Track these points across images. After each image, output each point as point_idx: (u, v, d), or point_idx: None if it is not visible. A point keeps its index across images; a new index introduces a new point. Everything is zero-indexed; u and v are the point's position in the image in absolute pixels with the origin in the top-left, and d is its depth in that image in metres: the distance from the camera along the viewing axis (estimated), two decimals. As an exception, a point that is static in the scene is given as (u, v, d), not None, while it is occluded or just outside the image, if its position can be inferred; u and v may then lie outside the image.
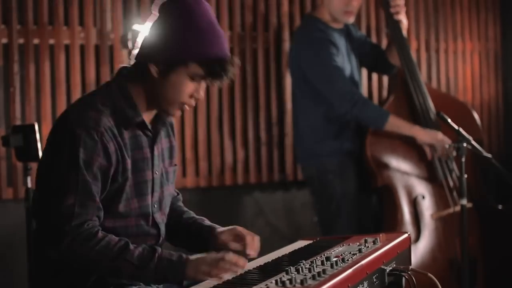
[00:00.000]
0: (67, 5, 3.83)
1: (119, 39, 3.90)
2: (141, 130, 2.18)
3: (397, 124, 3.84)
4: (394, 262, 2.23)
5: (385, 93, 4.60)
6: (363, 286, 1.99)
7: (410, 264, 2.35)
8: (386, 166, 3.91)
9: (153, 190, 2.22)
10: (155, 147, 2.23)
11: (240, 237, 2.26)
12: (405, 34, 4.06)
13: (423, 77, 4.70)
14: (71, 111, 2.14)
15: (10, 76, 3.71)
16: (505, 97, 5.17)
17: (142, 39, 2.17)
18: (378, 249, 2.18)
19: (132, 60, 2.20)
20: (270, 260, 2.22)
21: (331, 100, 3.85)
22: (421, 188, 3.94)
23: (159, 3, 2.16)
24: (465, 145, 3.51)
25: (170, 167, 2.31)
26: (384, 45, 4.50)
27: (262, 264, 2.18)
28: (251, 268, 2.13)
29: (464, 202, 3.49)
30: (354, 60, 4.08)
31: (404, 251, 2.36)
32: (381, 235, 2.34)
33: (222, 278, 1.98)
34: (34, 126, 3.22)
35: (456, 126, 3.57)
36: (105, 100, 2.13)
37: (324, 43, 3.88)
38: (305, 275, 1.86)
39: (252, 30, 4.34)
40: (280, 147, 4.39)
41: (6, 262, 3.69)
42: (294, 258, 2.20)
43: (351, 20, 3.98)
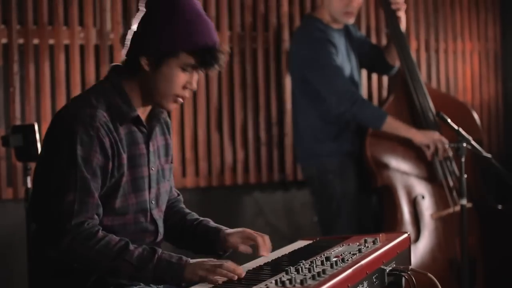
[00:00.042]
0: (67, 5, 3.83)
1: (119, 39, 3.90)
2: (136, 126, 2.19)
3: (394, 125, 3.85)
4: (394, 262, 2.23)
5: (385, 93, 4.60)
6: (363, 286, 1.99)
7: (410, 264, 2.35)
8: (386, 166, 3.92)
9: (150, 186, 2.22)
10: (151, 143, 2.23)
11: (249, 239, 2.25)
12: (403, 31, 4.06)
13: (423, 77, 4.69)
14: (66, 109, 2.15)
15: (10, 76, 3.71)
16: (504, 97, 5.17)
17: (131, 35, 2.18)
18: (378, 249, 2.18)
19: (123, 57, 2.21)
20: (270, 260, 2.22)
21: (330, 99, 3.86)
22: (421, 188, 3.94)
23: None
24: (464, 145, 3.51)
25: (166, 164, 2.31)
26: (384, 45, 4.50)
27: (262, 264, 2.18)
28: (251, 268, 2.13)
29: (464, 202, 3.49)
30: (354, 60, 4.09)
31: (404, 251, 2.37)
32: (381, 235, 2.34)
33: (218, 282, 1.98)
34: (34, 126, 3.22)
35: (456, 126, 3.57)
36: (99, 97, 2.14)
37: (323, 43, 3.89)
38: (305, 275, 1.86)
39: (252, 30, 4.34)
40: (280, 147, 4.39)
41: (6, 262, 3.69)
42: (294, 258, 2.20)
43: (351, 21, 3.99)
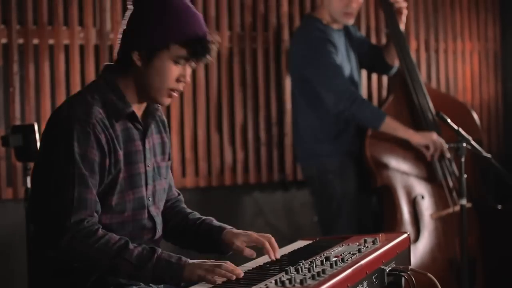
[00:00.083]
0: (67, 5, 3.83)
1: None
2: (131, 123, 2.20)
3: (392, 126, 3.85)
4: (394, 262, 2.23)
5: (384, 93, 4.60)
6: (363, 286, 1.99)
7: (409, 264, 2.36)
8: (385, 166, 3.92)
9: (146, 183, 2.22)
10: (146, 141, 2.23)
11: (255, 245, 2.24)
12: (403, 31, 4.07)
13: (423, 77, 4.70)
14: (62, 108, 2.15)
15: (10, 76, 3.71)
16: (504, 97, 5.17)
17: (121, 33, 2.19)
18: (378, 249, 2.18)
19: (115, 56, 2.22)
20: (270, 260, 2.22)
21: (330, 98, 3.86)
22: (420, 188, 3.94)
23: None
24: (464, 145, 3.51)
25: (162, 162, 2.31)
26: (383, 45, 4.51)
27: (262, 264, 2.18)
28: (251, 268, 2.13)
29: (463, 202, 3.49)
30: (354, 60, 4.09)
31: (403, 251, 2.37)
32: (380, 235, 2.34)
33: (216, 282, 1.98)
34: (33, 126, 3.22)
35: (455, 126, 3.57)
36: (94, 94, 2.15)
37: (323, 42, 3.89)
38: (304, 275, 1.86)
39: (251, 30, 4.34)
40: (279, 147, 4.39)
41: (6, 262, 3.69)
42: (294, 258, 2.20)
43: (351, 21, 3.99)
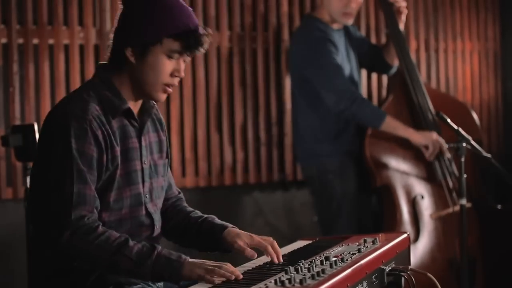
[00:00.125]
0: (67, 5, 3.83)
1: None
2: (128, 120, 2.20)
3: (393, 125, 3.85)
4: (393, 262, 2.23)
5: (384, 92, 4.60)
6: (362, 286, 1.99)
7: (409, 264, 2.36)
8: (385, 166, 3.92)
9: (143, 180, 2.23)
10: (142, 138, 2.24)
11: (258, 248, 2.24)
12: (402, 29, 4.07)
13: (423, 77, 4.70)
14: (58, 107, 2.16)
15: (10, 76, 3.71)
16: (504, 97, 5.17)
17: (114, 32, 2.20)
18: (377, 249, 2.18)
19: (108, 54, 2.23)
20: (270, 259, 2.22)
21: (330, 97, 3.86)
22: (420, 188, 3.94)
23: None
24: (464, 145, 3.52)
25: (159, 160, 2.31)
26: (383, 45, 4.51)
27: (261, 263, 2.18)
28: (251, 268, 2.13)
29: (463, 202, 3.49)
30: (354, 60, 4.09)
31: (403, 251, 2.37)
32: (380, 235, 2.35)
33: (215, 283, 1.98)
34: (33, 126, 3.22)
35: (455, 126, 3.57)
36: (90, 91, 2.16)
37: (323, 42, 3.89)
38: (304, 275, 1.86)
39: (251, 30, 4.34)
40: (279, 147, 4.39)
41: (6, 262, 3.69)
42: (293, 258, 2.20)
43: (350, 22, 3.99)
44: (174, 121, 4.07)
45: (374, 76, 4.65)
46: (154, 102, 2.29)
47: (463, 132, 3.56)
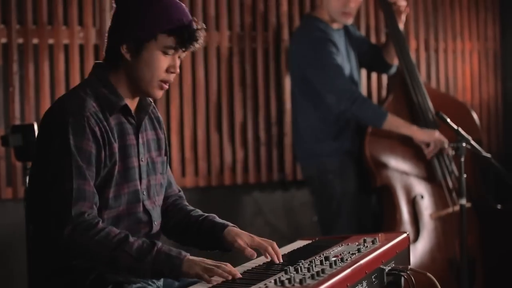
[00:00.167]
0: (67, 5, 3.83)
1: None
2: (125, 117, 2.20)
3: (395, 123, 3.85)
4: (393, 262, 2.23)
5: (384, 92, 4.60)
6: (362, 286, 1.99)
7: (409, 263, 2.36)
8: (385, 166, 3.92)
9: (140, 177, 2.23)
10: (140, 135, 2.24)
11: (257, 247, 2.24)
12: (402, 29, 4.07)
13: (422, 76, 4.70)
14: (55, 105, 2.16)
15: (10, 75, 3.71)
16: (504, 97, 5.17)
17: (108, 30, 2.21)
18: (377, 249, 2.18)
19: (103, 53, 2.23)
20: (269, 259, 2.22)
21: (331, 97, 3.86)
22: (420, 187, 3.94)
23: None
24: (464, 144, 3.51)
25: (157, 158, 2.31)
26: (383, 45, 4.51)
27: (261, 263, 2.18)
28: (250, 267, 2.13)
29: (463, 201, 3.49)
30: (354, 60, 4.09)
31: (403, 251, 2.37)
32: (380, 235, 2.35)
33: (212, 282, 1.98)
34: (33, 126, 3.22)
35: (455, 126, 3.57)
36: (86, 89, 2.16)
37: (323, 42, 3.89)
38: (304, 275, 1.86)
39: (251, 30, 4.34)
40: (279, 147, 4.39)
41: (5, 262, 3.69)
42: (293, 257, 2.20)
43: (349, 21, 3.99)
44: (174, 121, 4.07)
45: (374, 76, 4.65)
46: (151, 100, 2.30)
47: (463, 132, 3.56)
